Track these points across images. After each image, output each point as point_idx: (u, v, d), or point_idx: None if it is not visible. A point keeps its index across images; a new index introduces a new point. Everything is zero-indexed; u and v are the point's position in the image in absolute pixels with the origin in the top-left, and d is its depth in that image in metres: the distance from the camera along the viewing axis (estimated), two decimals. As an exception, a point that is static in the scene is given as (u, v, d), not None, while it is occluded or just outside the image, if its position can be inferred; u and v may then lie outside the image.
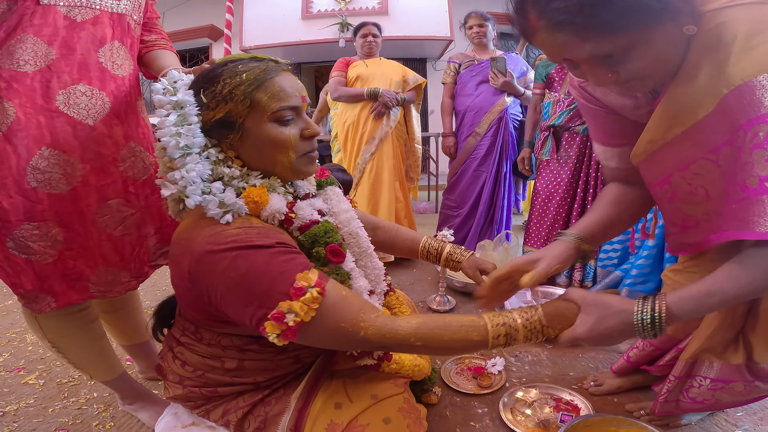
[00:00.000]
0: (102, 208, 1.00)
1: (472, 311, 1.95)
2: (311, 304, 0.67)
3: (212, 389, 0.86)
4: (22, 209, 0.91)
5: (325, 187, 1.00)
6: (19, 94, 0.90)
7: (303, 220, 0.83)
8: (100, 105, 0.99)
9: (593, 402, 1.23)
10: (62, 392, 1.37)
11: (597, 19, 0.66)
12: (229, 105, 0.77)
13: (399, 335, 0.72)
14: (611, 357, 1.51)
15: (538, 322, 0.76)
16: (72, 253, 0.97)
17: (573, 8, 0.66)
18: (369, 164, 2.51)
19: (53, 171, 0.93)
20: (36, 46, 0.92)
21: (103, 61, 1.01)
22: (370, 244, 1.03)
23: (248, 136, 0.79)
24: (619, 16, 0.66)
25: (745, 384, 0.96)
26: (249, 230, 0.72)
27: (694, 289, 0.72)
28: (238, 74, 0.78)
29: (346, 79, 2.58)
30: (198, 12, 7.13)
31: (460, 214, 2.66)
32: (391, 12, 6.04)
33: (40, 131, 0.92)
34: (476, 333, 0.74)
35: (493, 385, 1.33)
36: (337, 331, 0.71)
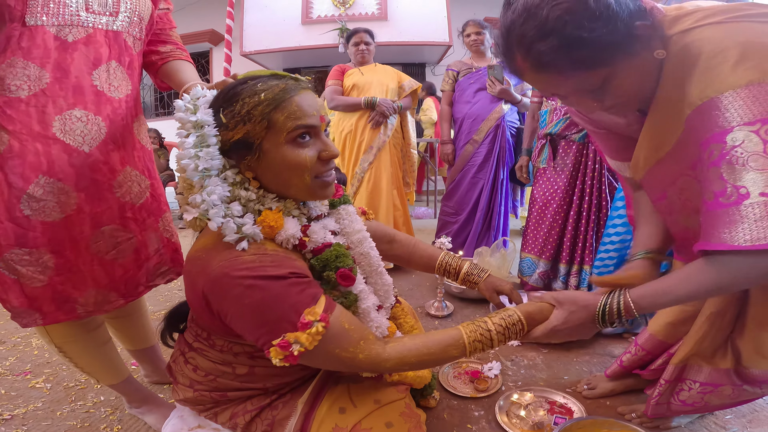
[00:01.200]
0: (95, 234, 0.99)
1: (470, 316, 1.99)
2: (315, 336, 0.71)
3: (222, 393, 0.89)
4: (13, 235, 0.90)
5: (338, 207, 1.01)
6: (14, 120, 0.89)
7: (316, 243, 0.84)
8: (95, 131, 0.97)
9: (586, 405, 1.27)
10: (69, 396, 1.40)
11: (575, 58, 0.73)
12: (248, 126, 0.77)
13: (388, 364, 0.80)
14: (605, 361, 1.55)
15: (513, 326, 0.86)
16: (61, 278, 0.96)
17: (552, 51, 0.73)
18: (367, 173, 2.53)
19: (48, 199, 0.92)
20: (27, 69, 0.89)
21: (98, 84, 0.98)
22: (381, 263, 1.04)
23: (265, 158, 0.79)
24: (595, 54, 0.73)
25: (734, 388, 0.99)
26: (263, 258, 0.74)
27: (650, 288, 0.81)
28: (257, 93, 0.77)
29: (342, 87, 2.59)
30: (198, 16, 7.16)
31: (458, 221, 2.69)
32: (390, 17, 6.07)
33: (38, 158, 0.90)
34: (456, 350, 0.83)
35: (490, 388, 1.36)
36: (335, 357, 0.77)
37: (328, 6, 6.15)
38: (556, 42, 0.72)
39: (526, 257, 2.14)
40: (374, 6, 6.12)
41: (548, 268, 2.10)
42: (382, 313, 1.00)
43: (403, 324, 1.12)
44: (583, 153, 2.01)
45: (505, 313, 0.87)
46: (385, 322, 0.96)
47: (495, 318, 0.86)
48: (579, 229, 2.00)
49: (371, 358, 0.78)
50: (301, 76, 0.85)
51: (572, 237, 2.01)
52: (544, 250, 2.07)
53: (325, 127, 0.85)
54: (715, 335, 1.00)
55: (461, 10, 6.17)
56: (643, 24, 0.73)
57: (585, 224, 1.98)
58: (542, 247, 2.08)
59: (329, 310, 0.76)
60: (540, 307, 0.89)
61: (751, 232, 0.64)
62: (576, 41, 0.71)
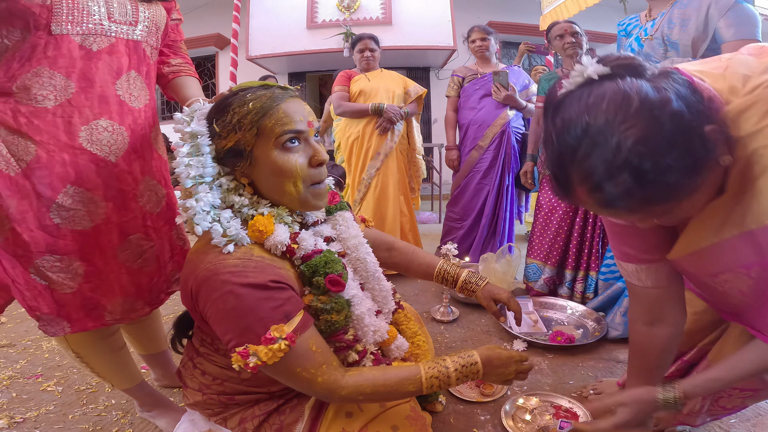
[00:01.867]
0: (123, 243, 1.01)
1: (475, 321, 2.00)
2: (276, 352, 0.73)
3: (230, 397, 0.91)
4: (44, 243, 0.92)
5: (334, 213, 1.03)
6: (41, 131, 0.90)
7: (305, 250, 0.85)
8: (120, 140, 0.99)
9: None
10: (81, 399, 1.42)
11: (650, 195, 0.61)
12: (238, 134, 0.81)
13: (343, 392, 0.80)
14: (610, 366, 1.55)
15: (472, 366, 0.88)
16: (90, 285, 0.98)
17: (626, 192, 0.60)
18: (374, 179, 2.54)
19: (78, 208, 0.94)
20: (53, 79, 0.90)
21: (121, 94, 0.99)
22: (378, 268, 1.06)
23: (257, 164, 0.82)
24: (673, 192, 0.62)
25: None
26: (247, 263, 0.76)
27: (701, 377, 0.84)
28: (246, 103, 0.81)
29: (349, 93, 2.60)
30: (204, 21, 7.21)
31: (463, 226, 2.70)
32: (394, 22, 6.10)
33: (65, 169, 0.92)
34: (412, 385, 0.84)
35: (495, 393, 1.37)
36: (295, 375, 0.78)
37: (333, 11, 6.19)
38: (630, 180, 0.59)
39: (532, 263, 2.16)
40: (379, 10, 6.15)
41: (554, 273, 2.11)
42: (381, 318, 1.01)
43: (406, 330, 1.12)
44: None
45: (466, 354, 0.90)
46: (383, 326, 0.98)
47: (455, 357, 0.89)
48: (585, 236, 2.01)
49: (328, 383, 0.79)
50: (290, 86, 0.89)
51: (578, 243, 2.02)
52: (550, 256, 2.08)
53: (314, 133, 0.87)
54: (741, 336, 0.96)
55: (465, 15, 6.20)
56: (712, 128, 0.61)
57: (591, 230, 1.99)
58: (548, 253, 2.09)
59: (300, 331, 0.77)
60: (498, 353, 0.91)
61: None
62: (654, 178, 0.58)
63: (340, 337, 0.87)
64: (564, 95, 0.67)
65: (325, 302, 0.83)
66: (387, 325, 1.00)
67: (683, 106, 0.59)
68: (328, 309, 0.83)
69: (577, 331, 1.79)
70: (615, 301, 1.81)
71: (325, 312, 0.83)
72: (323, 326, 0.84)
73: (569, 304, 1.98)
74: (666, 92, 0.60)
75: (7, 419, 1.31)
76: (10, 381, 1.54)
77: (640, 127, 0.58)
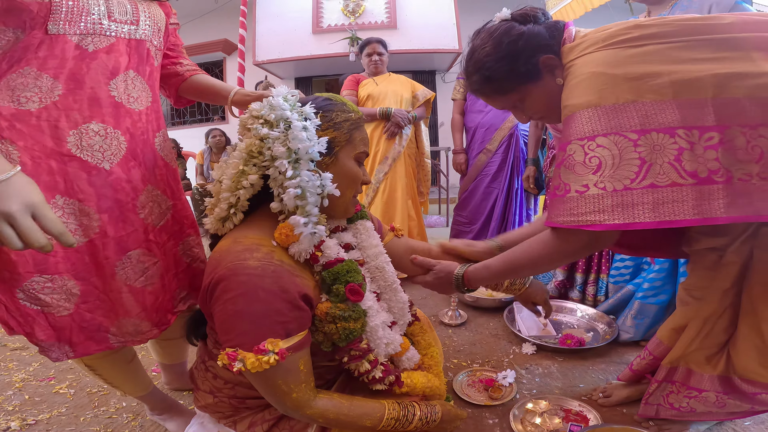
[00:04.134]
0: (122, 260, 0.93)
1: (483, 324, 1.99)
2: (263, 364, 0.74)
3: (240, 400, 0.91)
4: (32, 262, 0.83)
5: (355, 222, 1.04)
6: (24, 135, 0.82)
7: (328, 258, 0.86)
8: (115, 145, 0.91)
9: (602, 413, 1.26)
10: (92, 401, 1.43)
11: (492, 88, 1.02)
12: (336, 132, 0.88)
13: (309, 411, 0.82)
14: (621, 369, 1.54)
15: (431, 419, 0.94)
16: (88, 306, 0.91)
17: (479, 82, 1.02)
18: (383, 184, 2.55)
19: (68, 222, 0.86)
20: (39, 80, 0.83)
21: (116, 95, 0.92)
22: (396, 279, 1.06)
23: (336, 164, 0.89)
24: (503, 85, 0.99)
25: (717, 395, 1.03)
26: (265, 268, 0.76)
27: (480, 263, 1.05)
28: (348, 112, 0.91)
29: (357, 97, 2.62)
30: (212, 26, 7.30)
31: (472, 230, 2.69)
32: (399, 26, 6.13)
33: (53, 177, 0.84)
34: (370, 421, 0.87)
35: (504, 396, 1.37)
36: (273, 386, 0.79)
37: (338, 15, 6.23)
38: (479, 77, 1.00)
39: None
40: (383, 15, 6.19)
41: (564, 277, 2.10)
42: (396, 330, 1.01)
43: (420, 342, 1.12)
44: None
45: (433, 409, 0.96)
46: (397, 339, 0.97)
47: (424, 408, 0.94)
48: None
49: (300, 400, 0.81)
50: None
51: None
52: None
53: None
54: (705, 340, 1.05)
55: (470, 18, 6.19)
56: (547, 57, 0.94)
57: None
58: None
59: (295, 350, 0.78)
60: (448, 410, 1.01)
61: (564, 216, 0.84)
62: (490, 76, 0.98)
63: (356, 345, 0.87)
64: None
65: (343, 310, 0.84)
66: (400, 337, 1.00)
67: (525, 40, 0.94)
68: (346, 317, 0.83)
69: (588, 334, 1.78)
70: (626, 303, 1.80)
71: (343, 320, 0.83)
72: (341, 333, 0.83)
73: (579, 307, 1.97)
74: (520, 30, 0.95)
75: (19, 421, 1.32)
76: (23, 383, 1.56)
77: (489, 47, 0.97)
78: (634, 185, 0.77)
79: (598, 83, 0.82)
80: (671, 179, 0.75)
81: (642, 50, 0.82)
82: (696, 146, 0.75)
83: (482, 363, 1.62)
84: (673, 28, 0.82)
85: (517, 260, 0.98)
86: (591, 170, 0.81)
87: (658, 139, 0.76)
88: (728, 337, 1.03)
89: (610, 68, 0.82)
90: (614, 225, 0.78)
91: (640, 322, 1.68)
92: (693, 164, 0.75)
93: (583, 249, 0.90)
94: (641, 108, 0.78)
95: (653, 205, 0.76)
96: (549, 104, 0.99)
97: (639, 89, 0.79)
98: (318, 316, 0.83)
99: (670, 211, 0.75)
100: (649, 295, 1.67)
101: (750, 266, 0.98)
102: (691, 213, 0.74)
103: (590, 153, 0.81)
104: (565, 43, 0.95)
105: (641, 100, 0.78)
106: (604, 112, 0.80)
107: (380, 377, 0.91)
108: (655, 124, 0.77)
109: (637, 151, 0.77)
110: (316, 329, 0.84)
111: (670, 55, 0.80)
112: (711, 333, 1.04)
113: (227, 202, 0.86)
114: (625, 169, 0.78)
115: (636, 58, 0.81)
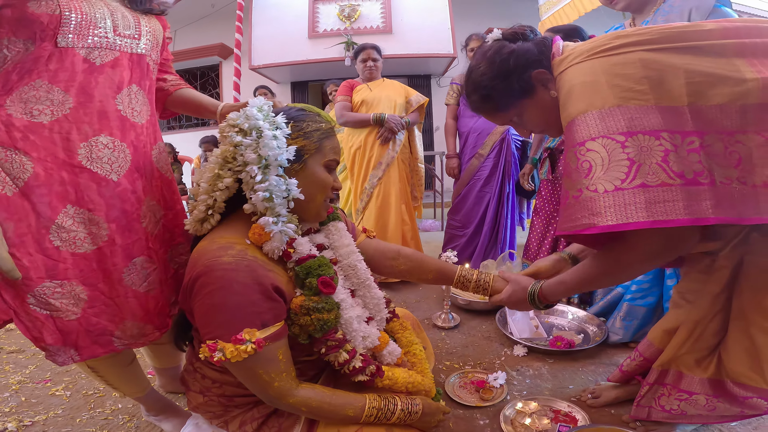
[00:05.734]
0: (129, 266, 0.97)
1: (476, 327, 2.02)
2: (242, 353, 0.78)
3: (229, 399, 0.94)
4: (44, 267, 0.86)
5: (327, 223, 1.08)
6: (37, 147, 0.85)
7: (301, 254, 0.91)
8: (122, 158, 0.95)
9: (591, 414, 1.29)
10: (89, 403, 1.45)
11: (491, 106, 1.06)
12: (305, 141, 0.93)
13: (291, 400, 0.86)
14: (610, 370, 1.56)
15: (412, 411, 0.97)
16: (95, 311, 0.93)
17: (478, 101, 1.07)
18: (376, 189, 2.57)
19: (78, 230, 0.89)
20: (51, 93, 0.86)
21: (122, 109, 0.96)
22: (369, 276, 1.09)
23: (305, 170, 0.94)
24: (501, 102, 1.03)
25: (707, 398, 1.04)
26: (240, 261, 0.81)
27: (554, 279, 1.07)
28: (319, 122, 0.96)
29: (351, 103, 2.63)
30: (208, 31, 7.31)
31: (465, 234, 2.71)
32: (394, 30, 6.18)
33: (64, 188, 0.88)
34: (352, 411, 0.91)
35: (495, 397, 1.39)
36: (254, 376, 0.83)
37: (334, 20, 6.27)
38: (477, 96, 1.06)
39: (525, 263, 2.19)
40: (379, 19, 6.23)
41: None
42: (373, 324, 1.04)
43: (401, 339, 1.14)
44: None
45: (413, 401, 0.99)
46: (374, 332, 1.01)
47: (405, 400, 0.98)
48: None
49: (282, 389, 0.85)
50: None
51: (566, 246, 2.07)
52: (539, 258, 2.13)
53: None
54: (696, 343, 1.07)
55: (464, 22, 6.27)
56: (539, 71, 0.98)
57: None
58: (536, 256, 2.15)
59: (272, 340, 0.82)
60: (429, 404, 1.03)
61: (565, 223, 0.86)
62: (488, 95, 1.03)
63: (332, 336, 0.91)
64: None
65: (317, 302, 0.88)
66: (378, 332, 1.03)
67: (515, 58, 0.98)
68: (319, 308, 0.87)
69: (578, 336, 1.81)
70: (615, 306, 1.83)
71: (317, 311, 0.87)
72: (315, 324, 0.87)
73: (570, 309, 2.00)
74: (511, 49, 0.99)
75: (16, 422, 1.34)
76: (19, 385, 1.57)
77: (484, 67, 1.02)
78: (625, 185, 0.78)
79: (585, 91, 0.85)
80: (661, 179, 0.76)
81: (623, 57, 0.84)
82: (680, 149, 0.77)
83: (474, 365, 1.65)
84: (653, 36, 0.84)
85: (591, 275, 0.98)
86: (583, 174, 0.82)
87: (645, 141, 0.78)
88: (719, 340, 1.05)
89: (594, 76, 0.85)
90: (609, 226, 0.77)
91: (628, 323, 1.71)
92: (679, 165, 0.76)
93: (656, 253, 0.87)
94: (626, 112, 0.80)
95: (646, 204, 0.76)
96: (546, 117, 1.02)
97: (623, 95, 0.81)
98: (293, 309, 0.88)
99: (662, 210, 0.75)
100: (637, 297, 1.70)
101: (740, 271, 1.00)
102: (683, 213, 0.74)
103: (581, 158, 0.83)
104: (554, 57, 0.98)
105: (626, 104, 0.80)
106: (592, 118, 0.82)
107: (360, 367, 0.94)
108: (640, 126, 0.78)
109: (625, 152, 0.78)
110: (292, 323, 0.88)
111: (649, 62, 0.82)
112: (702, 336, 1.06)
113: (205, 203, 0.91)
114: (615, 170, 0.79)
115: (618, 66, 0.83)
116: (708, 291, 1.05)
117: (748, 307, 0.98)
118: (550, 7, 4.65)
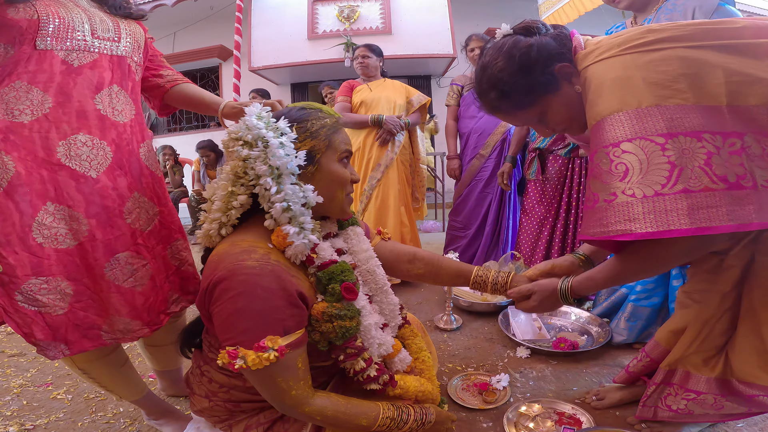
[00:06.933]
0: (110, 261, 0.98)
1: (478, 329, 2.01)
2: (264, 361, 0.76)
3: (235, 404, 0.93)
4: (29, 265, 0.89)
5: (346, 228, 1.07)
6: (18, 146, 0.88)
7: (323, 259, 0.89)
8: (101, 155, 0.97)
9: (595, 416, 1.28)
10: (90, 407, 1.44)
11: (511, 103, 0.99)
12: (314, 141, 0.91)
13: (307, 408, 0.84)
14: (614, 372, 1.56)
15: (426, 420, 0.96)
16: (82, 305, 0.96)
17: (496, 99, 1.00)
18: (375, 190, 2.55)
19: (59, 226, 0.92)
20: (30, 93, 0.89)
21: (101, 108, 0.98)
22: (387, 282, 1.08)
23: (320, 171, 0.92)
24: (523, 98, 0.97)
25: (715, 398, 1.04)
26: (263, 267, 0.79)
27: (583, 276, 1.04)
28: (322, 118, 0.93)
29: (351, 104, 2.62)
30: (208, 33, 7.29)
31: (467, 235, 2.71)
32: (394, 31, 6.16)
33: (44, 186, 0.90)
34: (366, 420, 0.89)
35: (498, 400, 1.38)
36: (272, 383, 0.81)
37: (333, 21, 6.26)
38: (496, 93, 0.98)
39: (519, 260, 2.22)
40: (378, 20, 6.22)
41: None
42: (388, 332, 1.03)
43: (411, 345, 1.13)
44: (568, 167, 2.13)
45: (427, 411, 0.98)
46: (389, 340, 1.00)
47: (418, 410, 0.96)
48: (566, 240, 2.08)
49: (299, 398, 0.82)
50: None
51: (560, 248, 2.10)
52: (533, 260, 2.15)
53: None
54: (704, 343, 1.06)
55: (464, 23, 6.26)
56: (562, 65, 0.94)
57: (572, 235, 2.06)
58: (530, 256, 2.16)
59: (294, 347, 0.80)
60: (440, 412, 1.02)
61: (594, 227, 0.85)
62: (507, 91, 0.96)
63: (352, 344, 0.89)
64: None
65: (339, 309, 0.86)
66: (392, 339, 1.02)
67: (537, 51, 0.92)
68: (342, 315, 0.85)
69: (582, 338, 1.80)
70: (619, 306, 1.82)
71: (339, 318, 0.85)
72: (338, 331, 0.86)
73: (573, 310, 1.99)
74: (529, 42, 0.94)
75: (17, 426, 1.33)
76: (20, 389, 1.56)
77: (502, 62, 0.95)
78: (666, 190, 0.75)
79: (617, 89, 0.82)
80: (704, 184, 0.73)
81: (660, 54, 0.80)
82: (722, 151, 0.75)
83: (477, 367, 1.64)
84: (687, 32, 0.81)
85: (622, 271, 0.97)
86: (618, 177, 0.79)
87: (687, 143, 0.75)
88: (726, 339, 1.04)
89: (628, 72, 0.82)
90: (647, 233, 0.75)
91: (633, 324, 1.70)
92: (722, 169, 0.74)
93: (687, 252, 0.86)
94: (666, 112, 0.77)
95: (689, 210, 0.73)
96: (571, 114, 0.98)
97: (661, 93, 0.78)
98: (314, 316, 0.85)
99: (705, 217, 0.72)
100: (641, 297, 1.69)
101: (750, 270, 0.99)
102: (726, 219, 0.72)
103: (616, 159, 0.80)
104: (576, 51, 0.95)
105: (665, 104, 0.77)
106: (627, 118, 0.79)
107: (375, 376, 0.92)
108: (681, 127, 0.75)
109: (665, 155, 0.75)
110: (312, 329, 0.86)
111: (688, 60, 0.79)
112: (710, 336, 1.05)
113: (218, 222, 0.89)
114: (655, 174, 0.76)
115: (654, 63, 0.80)
116: (716, 290, 1.04)
117: (759, 306, 0.97)
118: (549, 7, 4.65)
